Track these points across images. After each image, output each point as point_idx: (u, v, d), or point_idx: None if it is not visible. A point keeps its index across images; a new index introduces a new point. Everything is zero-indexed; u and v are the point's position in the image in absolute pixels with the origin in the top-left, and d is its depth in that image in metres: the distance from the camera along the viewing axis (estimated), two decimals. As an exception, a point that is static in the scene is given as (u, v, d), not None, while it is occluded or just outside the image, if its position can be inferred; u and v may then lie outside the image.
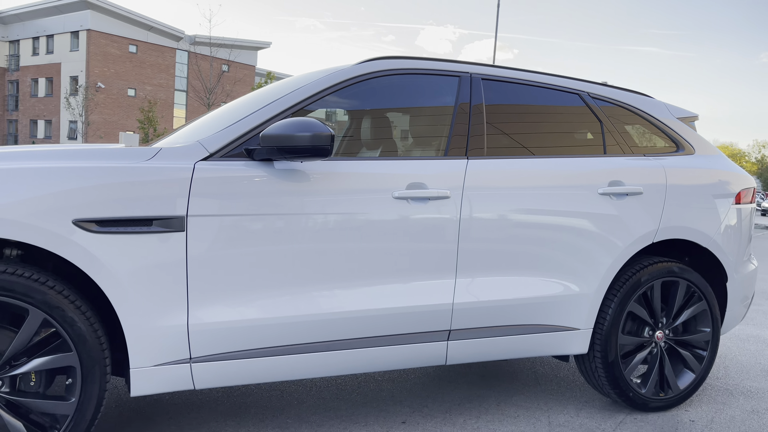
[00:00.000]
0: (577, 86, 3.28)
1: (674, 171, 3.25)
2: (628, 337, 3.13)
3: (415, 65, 2.93)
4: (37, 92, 44.29)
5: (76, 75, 41.17)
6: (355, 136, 3.16)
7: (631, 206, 3.08)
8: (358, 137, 3.08)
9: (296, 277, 2.48)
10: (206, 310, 2.34)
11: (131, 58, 42.63)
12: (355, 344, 2.60)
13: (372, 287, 2.60)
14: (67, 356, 2.16)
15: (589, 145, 3.23)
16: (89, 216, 2.15)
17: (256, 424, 2.84)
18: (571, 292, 2.97)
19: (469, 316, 2.77)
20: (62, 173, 2.17)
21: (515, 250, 2.86)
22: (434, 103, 3.07)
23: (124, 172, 2.25)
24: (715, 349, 3.34)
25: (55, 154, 2.32)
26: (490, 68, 3.08)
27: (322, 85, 2.69)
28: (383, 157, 2.88)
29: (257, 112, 2.56)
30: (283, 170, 2.47)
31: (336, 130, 3.09)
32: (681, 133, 3.47)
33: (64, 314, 2.13)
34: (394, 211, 2.62)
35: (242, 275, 2.39)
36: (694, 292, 3.25)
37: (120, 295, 2.21)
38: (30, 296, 2.09)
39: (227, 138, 2.46)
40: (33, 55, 44.45)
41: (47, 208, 2.11)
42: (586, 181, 3.02)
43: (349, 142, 3.25)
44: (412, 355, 2.73)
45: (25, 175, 2.14)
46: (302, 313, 2.48)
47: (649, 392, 3.18)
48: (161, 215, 2.26)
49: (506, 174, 2.89)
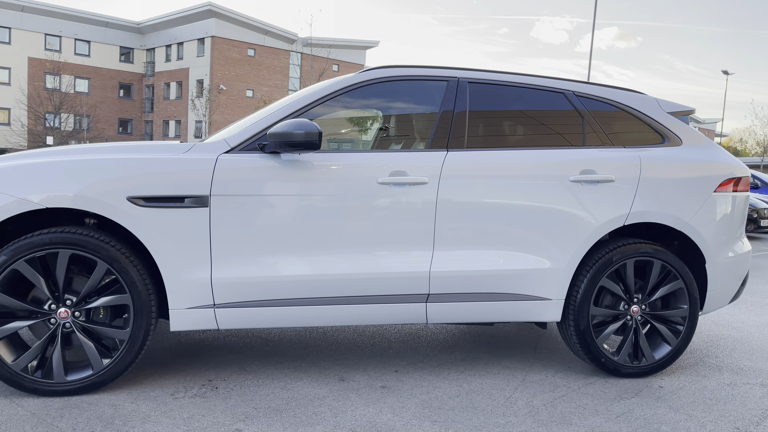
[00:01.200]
0: (562, 86, 3.68)
1: (651, 161, 3.57)
2: (600, 308, 3.51)
3: (409, 72, 3.50)
4: (169, 95, 48.50)
5: (202, 78, 44.73)
6: (355, 133, 3.77)
7: (601, 193, 3.45)
8: (357, 134, 3.69)
9: (296, 245, 3.14)
10: (225, 268, 3.06)
11: (250, 61, 45.65)
12: (347, 301, 3.22)
13: (359, 255, 3.21)
14: (123, 297, 2.97)
15: (569, 139, 3.63)
16: (138, 194, 2.94)
17: (276, 365, 3.54)
18: (542, 266, 3.40)
19: (444, 283, 3.30)
20: (121, 163, 2.98)
21: (487, 228, 3.35)
22: (423, 103, 3.62)
23: (165, 162, 3.03)
24: (693, 324, 3.62)
25: (120, 148, 3.15)
26: (476, 72, 3.58)
27: (327, 91, 3.34)
28: (373, 149, 3.48)
29: (270, 115, 3.25)
30: (287, 160, 3.14)
31: (339, 128, 3.72)
32: (668, 126, 3.76)
33: (120, 266, 2.93)
34: (378, 194, 3.21)
35: (253, 242, 3.09)
36: (670, 271, 3.56)
37: (160, 253, 2.98)
38: (98, 252, 2.91)
39: (245, 135, 3.18)
40: (166, 62, 48.71)
41: (111, 189, 2.92)
42: (557, 170, 3.44)
43: (348, 137, 3.87)
44: (397, 313, 3.31)
45: (97, 164, 2.96)
46: (301, 274, 3.14)
47: (622, 360, 3.54)
48: (191, 194, 3.00)
49: (481, 164, 3.38)
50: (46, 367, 2.93)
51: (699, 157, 3.71)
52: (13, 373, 2.87)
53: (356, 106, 3.64)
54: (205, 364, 3.50)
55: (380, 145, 3.60)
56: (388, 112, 3.71)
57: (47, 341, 2.94)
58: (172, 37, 47.46)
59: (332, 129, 3.61)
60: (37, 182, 2.90)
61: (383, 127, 3.60)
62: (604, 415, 3.03)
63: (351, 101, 3.51)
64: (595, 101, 3.69)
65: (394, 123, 3.72)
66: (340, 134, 3.86)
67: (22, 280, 2.90)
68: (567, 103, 3.65)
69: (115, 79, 49.38)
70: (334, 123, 3.52)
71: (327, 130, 3.55)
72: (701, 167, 3.67)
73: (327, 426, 2.76)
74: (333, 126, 3.77)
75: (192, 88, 45.13)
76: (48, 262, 2.91)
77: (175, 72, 47.53)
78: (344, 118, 3.98)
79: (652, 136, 3.73)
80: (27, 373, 2.90)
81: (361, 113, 3.71)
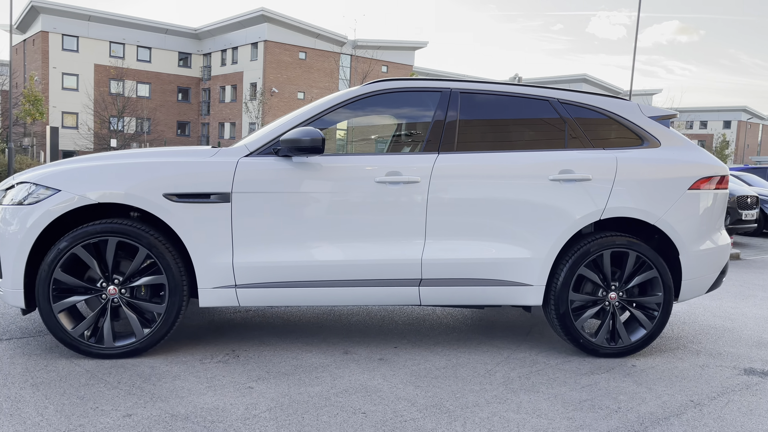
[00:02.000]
0: (548, 94, 4.08)
1: (627, 161, 3.93)
2: (579, 294, 3.90)
3: (406, 84, 3.97)
4: (224, 98, 50.20)
5: (255, 82, 46.15)
6: (358, 138, 4.27)
7: (578, 190, 3.84)
8: (360, 139, 4.19)
9: (305, 235, 3.66)
10: (244, 254, 3.61)
11: (301, 64, 46.80)
12: (350, 284, 3.72)
13: (360, 244, 3.70)
14: (160, 277, 3.56)
15: (552, 142, 4.02)
16: (172, 191, 3.52)
17: (291, 339, 4.08)
18: (523, 255, 3.82)
19: (435, 269, 3.76)
20: (159, 166, 3.57)
21: (473, 222, 3.79)
22: (419, 112, 4.08)
23: (195, 164, 3.60)
24: (667, 310, 3.96)
25: (158, 153, 3.74)
26: (467, 84, 4.03)
27: (334, 102, 3.86)
28: (373, 153, 3.96)
29: (283, 124, 3.79)
30: (297, 162, 3.67)
31: (346, 134, 4.22)
32: (648, 129, 4.11)
33: (158, 251, 3.52)
34: (376, 191, 3.70)
35: (268, 232, 3.63)
36: (644, 261, 3.92)
37: (190, 241, 3.55)
38: (140, 239, 3.51)
39: (262, 142, 3.72)
40: (221, 66, 50.43)
41: (151, 187, 3.51)
42: (538, 170, 3.85)
43: (352, 142, 4.36)
44: (393, 295, 3.79)
45: (140, 167, 3.57)
46: (310, 260, 3.66)
47: (600, 341, 3.92)
48: (216, 191, 3.57)
49: (468, 165, 3.82)
50: (98, 334, 3.55)
51: (675, 158, 4.04)
52: (72, 338, 3.50)
53: (360, 115, 4.13)
54: (230, 337, 4.07)
55: (379, 149, 4.08)
56: (387, 119, 4.20)
57: (99, 313, 3.56)
58: (227, 42, 49.09)
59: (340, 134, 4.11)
60: (94, 182, 3.52)
61: (383, 132, 4.08)
62: (571, 385, 3.43)
63: (355, 111, 4.00)
64: (578, 107, 4.07)
65: (392, 129, 4.20)
66: (345, 138, 4.37)
67: (79, 263, 3.52)
68: (551, 109, 4.04)
69: (174, 83, 51.42)
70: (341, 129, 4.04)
71: (336, 135, 4.06)
72: (676, 167, 4.00)
73: (324, 387, 3.26)
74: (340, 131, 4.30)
75: (246, 92, 46.61)
76: (100, 248, 3.52)
77: (230, 76, 49.13)
78: (350, 125, 4.48)
79: (631, 138, 4.09)
80: (83, 338, 3.52)
81: (365, 121, 4.20)
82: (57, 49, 45.44)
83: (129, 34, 48.28)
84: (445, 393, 3.25)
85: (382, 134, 4.07)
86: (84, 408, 2.86)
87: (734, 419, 3.07)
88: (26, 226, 3.45)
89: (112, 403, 2.92)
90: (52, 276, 3.44)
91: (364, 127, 4.27)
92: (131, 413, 2.83)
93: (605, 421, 2.97)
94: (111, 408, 2.87)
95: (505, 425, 2.87)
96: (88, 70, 46.65)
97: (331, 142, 3.60)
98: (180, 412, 2.87)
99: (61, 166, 3.64)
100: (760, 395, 3.42)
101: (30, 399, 2.94)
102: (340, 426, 2.79)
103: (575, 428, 2.87)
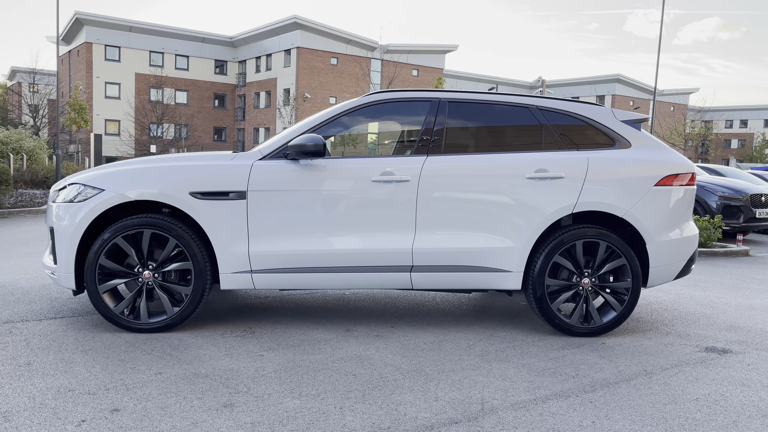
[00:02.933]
0: (527, 101, 4.57)
1: (597, 161, 4.40)
2: (554, 279, 4.37)
3: (401, 95, 4.52)
4: (259, 104, 51.47)
5: (288, 88, 47.24)
6: (358, 143, 4.82)
7: (552, 187, 4.32)
8: (360, 144, 4.74)
9: (311, 227, 4.23)
10: (258, 244, 4.20)
11: (332, 70, 47.73)
12: (349, 270, 4.27)
13: (358, 235, 4.26)
14: (186, 263, 4.17)
15: (530, 145, 4.51)
16: (197, 190, 4.13)
17: (301, 319, 4.65)
18: (503, 245, 4.32)
19: (424, 257, 4.28)
20: (186, 168, 4.19)
21: (459, 216, 4.30)
22: (412, 119, 4.62)
23: (216, 167, 4.22)
24: (636, 295, 4.41)
25: (186, 158, 4.37)
26: (455, 93, 4.55)
27: (336, 111, 4.42)
28: (370, 156, 4.51)
29: (292, 131, 4.37)
30: (304, 164, 4.24)
31: (347, 140, 4.79)
32: (619, 131, 4.56)
33: (185, 241, 4.14)
34: (372, 189, 4.25)
35: (279, 225, 4.21)
36: (614, 250, 4.37)
37: (212, 233, 4.15)
38: (170, 231, 4.13)
39: (273, 147, 4.31)
40: (256, 72, 51.74)
41: (179, 187, 4.13)
42: (516, 169, 4.34)
43: (352, 146, 4.92)
44: (388, 280, 4.33)
45: (171, 170, 4.19)
46: (314, 249, 4.23)
47: (574, 321, 4.39)
48: (234, 190, 4.16)
49: (453, 165, 4.34)
50: (135, 312, 4.19)
51: (643, 157, 4.48)
52: (114, 314, 4.14)
53: (360, 122, 4.68)
54: (248, 317, 4.67)
55: (376, 152, 4.63)
56: (384, 126, 4.75)
57: (136, 294, 4.19)
58: (262, 49, 50.33)
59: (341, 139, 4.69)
60: (132, 183, 4.16)
61: (380, 137, 4.63)
62: (540, 357, 3.92)
63: (356, 118, 4.56)
64: (554, 113, 4.55)
65: (388, 134, 4.75)
66: (346, 142, 4.95)
67: (119, 251, 4.16)
68: (530, 115, 4.53)
69: (211, 90, 52.95)
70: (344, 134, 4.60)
71: (338, 140, 4.63)
72: (643, 165, 4.45)
73: (324, 356, 3.83)
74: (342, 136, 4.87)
75: (279, 97, 47.72)
76: (137, 239, 4.15)
77: (265, 82, 50.35)
78: (351, 131, 5.04)
79: (604, 140, 4.55)
80: (123, 315, 4.16)
81: (364, 128, 4.75)
82: (100, 59, 47.34)
83: (168, 44, 49.94)
84: (427, 361, 3.78)
85: (378, 139, 4.61)
86: (124, 368, 3.48)
87: (678, 385, 3.52)
88: (76, 221, 4.10)
89: (147, 364, 3.54)
90: (97, 262, 4.09)
91: (364, 133, 4.82)
92: (162, 372, 3.43)
93: (561, 384, 3.46)
94: (145, 368, 3.49)
95: (472, 385, 3.39)
96: (129, 79, 48.43)
97: (334, 146, 4.17)
98: (201, 371, 3.47)
99: (105, 170, 4.29)
100: (711, 368, 3.85)
101: (80, 360, 3.58)
102: (332, 384, 3.35)
103: (533, 389, 3.37)
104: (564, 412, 3.08)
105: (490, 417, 2.98)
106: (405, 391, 3.28)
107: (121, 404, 2.98)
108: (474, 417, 2.98)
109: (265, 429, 2.77)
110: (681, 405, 3.22)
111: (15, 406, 2.93)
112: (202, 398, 3.09)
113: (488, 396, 3.25)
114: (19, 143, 20.31)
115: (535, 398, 3.24)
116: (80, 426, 2.74)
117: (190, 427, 2.77)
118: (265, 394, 3.18)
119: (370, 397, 3.18)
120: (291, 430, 2.78)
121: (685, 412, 3.13)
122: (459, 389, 3.33)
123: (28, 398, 3.02)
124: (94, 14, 46.48)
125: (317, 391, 3.23)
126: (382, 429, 2.81)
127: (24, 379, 3.27)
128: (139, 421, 2.80)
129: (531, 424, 2.92)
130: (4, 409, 2.89)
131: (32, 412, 2.86)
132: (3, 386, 3.16)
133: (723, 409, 3.20)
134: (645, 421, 3.00)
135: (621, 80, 63.52)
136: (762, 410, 3.21)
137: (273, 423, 2.84)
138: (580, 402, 3.21)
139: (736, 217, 10.83)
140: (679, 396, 3.35)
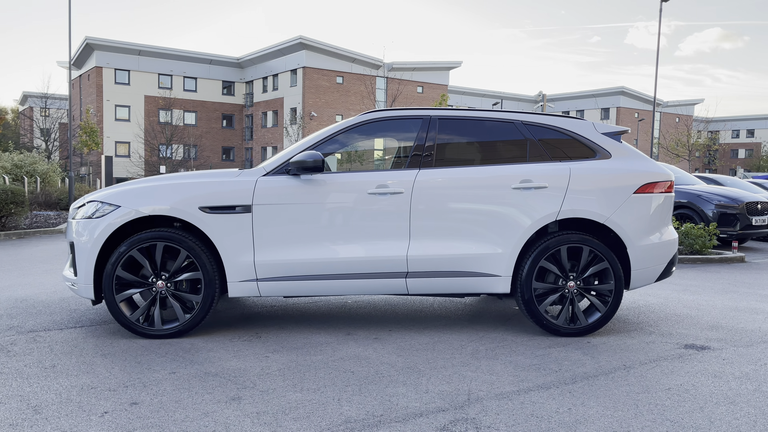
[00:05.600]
0: (513, 117, 4.89)
1: (579, 171, 4.70)
2: (541, 283, 4.66)
3: (394, 114, 4.85)
4: (266, 123, 52.19)
5: (295, 107, 47.94)
6: (354, 159, 5.15)
7: (536, 196, 4.62)
8: (356, 159, 5.06)
9: (312, 238, 4.55)
10: (263, 254, 4.51)
11: (338, 88, 48.40)
12: (348, 277, 4.58)
13: (356, 244, 4.57)
14: (196, 273, 4.49)
15: (516, 157, 4.82)
16: (205, 204, 4.46)
17: (305, 325, 4.95)
18: (492, 251, 4.61)
19: (418, 264, 4.58)
20: (195, 185, 4.53)
21: (449, 225, 4.60)
22: (405, 135, 4.95)
23: (223, 183, 4.55)
24: (618, 296, 4.68)
25: (194, 175, 4.71)
26: (445, 111, 4.88)
27: (335, 129, 4.76)
28: (366, 170, 4.83)
29: (293, 149, 4.70)
30: (305, 179, 4.57)
31: (343, 156, 5.12)
32: (600, 143, 4.87)
33: (195, 253, 4.46)
34: (368, 201, 4.57)
35: (282, 236, 4.52)
36: (596, 255, 4.66)
37: (220, 244, 4.48)
38: (181, 244, 4.45)
39: (276, 163, 4.64)
40: (263, 93, 52.55)
41: (189, 203, 4.46)
42: (502, 180, 4.65)
43: (349, 162, 5.24)
44: (386, 286, 4.62)
45: (181, 187, 4.53)
46: (316, 258, 4.54)
47: (561, 322, 4.66)
48: (239, 204, 4.49)
49: (444, 178, 4.65)
50: (150, 319, 4.50)
51: (622, 167, 4.78)
52: (130, 322, 4.46)
53: (357, 139, 5.02)
54: (255, 324, 4.98)
55: (372, 166, 4.95)
56: (379, 142, 5.07)
57: (150, 303, 4.51)
58: (268, 69, 51.13)
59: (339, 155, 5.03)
60: (146, 200, 4.49)
61: (375, 152, 4.95)
62: (527, 354, 4.19)
63: (353, 136, 4.89)
64: (538, 127, 4.86)
65: (383, 150, 5.08)
66: (343, 158, 5.28)
67: (135, 263, 4.49)
68: (516, 130, 4.85)
69: (219, 110, 53.77)
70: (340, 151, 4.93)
71: (336, 156, 4.96)
72: (623, 175, 4.74)
73: (325, 356, 4.12)
74: (340, 153, 5.21)
75: (286, 116, 48.38)
76: (151, 251, 4.48)
77: (271, 102, 51.09)
78: (348, 148, 5.38)
79: (585, 152, 4.85)
80: (138, 322, 4.47)
81: (361, 144, 5.08)
82: (110, 83, 48.27)
83: (176, 66, 50.85)
84: (420, 360, 4.06)
85: (374, 154, 4.93)
86: (140, 368, 3.79)
87: (653, 377, 3.78)
88: (95, 235, 4.44)
89: (161, 365, 3.85)
90: (114, 273, 4.42)
91: (360, 149, 5.14)
92: (175, 371, 3.74)
93: (544, 377, 3.74)
94: (160, 368, 3.80)
95: (461, 379, 3.67)
96: (138, 102, 49.29)
97: (332, 162, 4.50)
98: (211, 371, 3.77)
99: (121, 188, 4.64)
100: (687, 362, 4.11)
101: (100, 363, 3.89)
102: (332, 379, 3.64)
103: (517, 382, 3.65)
104: (544, 401, 3.35)
105: (475, 405, 3.26)
106: (398, 384, 3.57)
107: (139, 398, 3.29)
108: (460, 406, 3.26)
109: (270, 417, 3.07)
110: (653, 394, 3.49)
111: (44, 401, 3.24)
112: (212, 393, 3.39)
113: (475, 388, 3.53)
114: (33, 166, 20.85)
115: (518, 390, 3.51)
116: (103, 416, 3.04)
117: (201, 416, 3.07)
118: (270, 388, 3.47)
119: (366, 390, 3.46)
120: (293, 418, 3.07)
121: (656, 400, 3.39)
122: (448, 383, 3.61)
123: (55, 394, 3.33)
124: (104, 39, 47.47)
125: (317, 386, 3.53)
126: (375, 416, 3.10)
127: (50, 379, 3.59)
128: (155, 412, 3.10)
129: (512, 411, 3.19)
130: (35, 403, 3.20)
131: (60, 406, 3.17)
132: (32, 385, 3.48)
133: (692, 397, 3.47)
134: (617, 407, 3.27)
135: (625, 92, 63.87)
136: (729, 398, 3.47)
137: (276, 412, 3.13)
138: (559, 392, 3.48)
139: (733, 224, 11.06)
140: (653, 386, 3.61)
